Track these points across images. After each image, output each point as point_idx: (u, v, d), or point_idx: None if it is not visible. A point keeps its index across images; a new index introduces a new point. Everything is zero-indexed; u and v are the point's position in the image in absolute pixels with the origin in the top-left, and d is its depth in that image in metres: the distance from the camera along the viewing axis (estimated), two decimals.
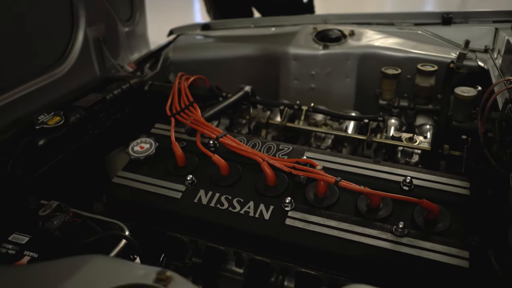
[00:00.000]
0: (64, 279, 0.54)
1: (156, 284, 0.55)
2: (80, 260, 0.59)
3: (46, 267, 0.59)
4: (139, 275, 0.56)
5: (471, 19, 1.42)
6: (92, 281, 0.54)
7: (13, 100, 1.12)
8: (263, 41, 1.48)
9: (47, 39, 1.27)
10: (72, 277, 0.54)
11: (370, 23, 1.51)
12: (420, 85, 1.22)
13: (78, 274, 0.55)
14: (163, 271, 0.56)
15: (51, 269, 0.58)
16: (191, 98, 1.13)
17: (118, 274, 0.56)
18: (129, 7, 1.65)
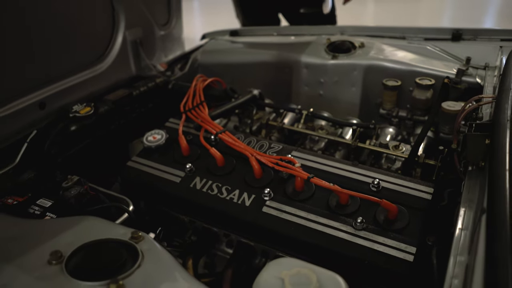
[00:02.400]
0: (60, 230, 0.71)
1: (130, 240, 0.70)
2: (78, 219, 0.76)
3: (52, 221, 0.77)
4: (119, 233, 0.72)
5: (480, 36, 1.48)
6: (81, 234, 0.70)
7: (60, 90, 1.33)
8: (281, 49, 1.61)
9: (91, 39, 1.47)
10: (66, 229, 0.71)
11: (383, 36, 1.60)
12: (416, 98, 1.30)
13: (72, 228, 0.71)
14: (136, 231, 0.71)
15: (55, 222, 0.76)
16: (203, 98, 1.29)
17: (103, 230, 0.72)
18: (166, 13, 1.83)
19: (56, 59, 1.33)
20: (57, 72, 1.33)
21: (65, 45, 1.35)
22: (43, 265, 0.65)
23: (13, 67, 1.20)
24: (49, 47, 1.29)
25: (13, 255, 0.67)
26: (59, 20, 1.30)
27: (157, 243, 0.71)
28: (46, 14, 1.26)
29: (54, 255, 0.66)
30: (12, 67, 1.19)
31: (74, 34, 1.38)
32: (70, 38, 1.36)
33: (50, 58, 1.31)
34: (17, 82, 1.22)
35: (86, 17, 1.42)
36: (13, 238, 0.77)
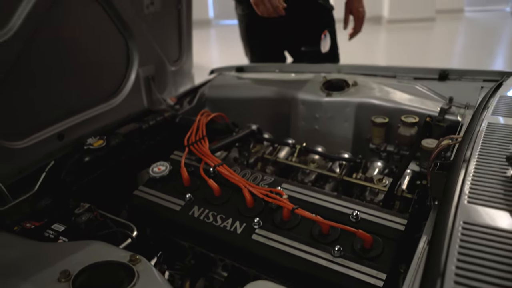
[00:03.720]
0: (70, 252, 0.83)
1: (128, 262, 0.82)
2: (86, 242, 0.88)
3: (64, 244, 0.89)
4: (120, 256, 0.84)
5: (465, 77, 1.58)
6: (87, 256, 0.82)
7: (78, 122, 1.48)
8: (281, 85, 1.74)
9: (107, 75, 1.62)
10: (75, 251, 0.83)
11: (376, 75, 1.71)
12: (401, 134, 1.40)
13: (80, 250, 0.84)
14: (134, 254, 0.83)
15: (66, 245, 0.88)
16: (205, 133, 1.42)
17: (107, 253, 0.84)
18: (177, 50, 1.98)
19: (75, 94, 1.48)
20: (75, 106, 1.48)
21: (83, 81, 1.50)
22: (53, 282, 0.77)
23: (37, 102, 1.34)
24: (69, 83, 1.44)
25: (29, 273, 0.79)
26: (79, 58, 1.45)
27: (152, 265, 0.82)
28: (68, 53, 1.41)
29: (63, 274, 0.78)
30: (36, 102, 1.34)
31: (92, 72, 1.53)
32: (88, 75, 1.51)
33: (70, 93, 1.45)
34: (39, 116, 1.36)
35: (103, 55, 1.58)
36: (29, 257, 0.90)
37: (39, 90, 1.35)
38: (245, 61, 2.35)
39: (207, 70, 2.14)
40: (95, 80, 1.56)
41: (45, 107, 1.38)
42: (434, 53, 6.12)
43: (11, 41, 1.20)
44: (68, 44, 1.41)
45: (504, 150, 0.92)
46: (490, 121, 1.06)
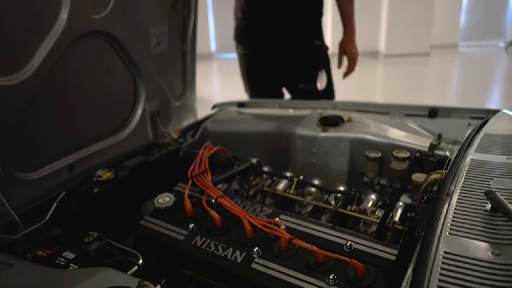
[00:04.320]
0: (80, 279, 0.89)
1: None
2: (96, 269, 0.95)
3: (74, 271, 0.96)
4: (128, 282, 0.90)
5: (453, 114, 1.67)
6: (97, 282, 0.89)
7: (87, 155, 1.56)
8: (280, 121, 1.84)
9: (115, 110, 1.71)
10: (85, 278, 0.89)
11: (369, 111, 1.81)
12: (393, 168, 1.48)
13: (90, 277, 0.90)
14: (142, 280, 0.89)
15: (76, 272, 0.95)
16: (207, 165, 1.50)
17: (115, 280, 0.90)
18: (182, 86, 2.08)
19: (85, 128, 1.56)
20: (84, 140, 1.56)
21: (93, 116, 1.59)
22: None
23: (49, 136, 1.43)
24: (80, 118, 1.52)
25: None
26: (90, 94, 1.54)
27: None
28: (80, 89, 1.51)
29: None
30: (48, 136, 1.42)
31: (101, 107, 1.62)
32: (98, 110, 1.60)
33: (80, 127, 1.54)
34: (51, 149, 1.44)
35: (112, 91, 1.67)
36: (43, 283, 0.96)
37: (51, 124, 1.43)
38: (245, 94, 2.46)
39: (209, 102, 2.24)
40: (104, 114, 1.65)
41: (57, 140, 1.46)
42: (430, 87, 6.28)
43: (29, 80, 1.29)
44: (80, 80, 1.50)
45: (484, 185, 0.99)
46: (473, 158, 1.15)
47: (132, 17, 1.60)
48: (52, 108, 1.42)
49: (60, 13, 1.35)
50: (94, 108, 1.59)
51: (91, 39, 1.49)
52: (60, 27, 1.35)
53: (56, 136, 1.46)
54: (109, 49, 1.58)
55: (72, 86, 1.48)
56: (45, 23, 1.33)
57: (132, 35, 1.62)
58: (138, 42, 1.67)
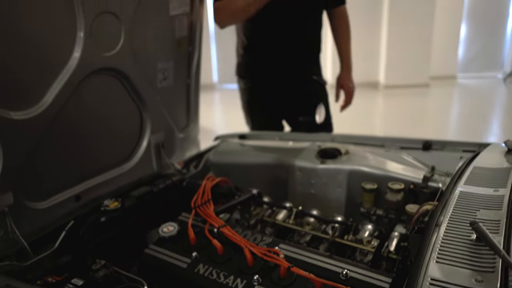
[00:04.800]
0: None
1: None
2: None
3: None
4: None
5: (446, 147, 1.74)
6: None
7: (94, 185, 1.63)
8: (280, 153, 1.91)
9: (122, 142, 1.78)
10: None
11: (366, 144, 1.88)
12: (388, 200, 1.55)
13: None
14: None
15: None
16: (210, 196, 1.56)
17: None
18: (185, 118, 2.16)
19: (92, 159, 1.63)
20: (92, 170, 1.63)
21: (100, 147, 1.66)
22: None
23: (59, 167, 1.50)
24: (88, 149, 1.60)
25: None
26: (98, 127, 1.62)
27: None
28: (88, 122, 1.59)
29: None
30: (57, 167, 1.49)
31: (109, 138, 1.69)
32: (105, 142, 1.68)
33: (87, 158, 1.61)
34: (60, 179, 1.51)
35: (119, 124, 1.75)
36: None
37: (61, 156, 1.50)
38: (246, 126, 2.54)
39: (211, 132, 2.32)
40: (111, 146, 1.72)
41: (65, 171, 1.53)
42: (430, 118, 6.38)
43: (43, 115, 1.38)
44: (89, 114, 1.58)
45: (471, 216, 1.06)
46: (462, 190, 1.21)
47: (140, 54, 1.69)
48: (63, 140, 1.50)
49: (73, 52, 1.45)
50: (102, 140, 1.67)
51: (101, 75, 1.58)
52: (73, 64, 1.44)
53: (65, 167, 1.53)
54: (118, 84, 1.67)
55: (81, 119, 1.56)
56: (60, 61, 1.42)
57: (140, 71, 1.72)
58: (145, 77, 1.76)
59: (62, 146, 1.50)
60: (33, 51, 1.35)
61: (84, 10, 1.42)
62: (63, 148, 1.51)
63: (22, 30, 1.29)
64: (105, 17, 1.51)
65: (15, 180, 1.33)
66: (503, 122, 6.11)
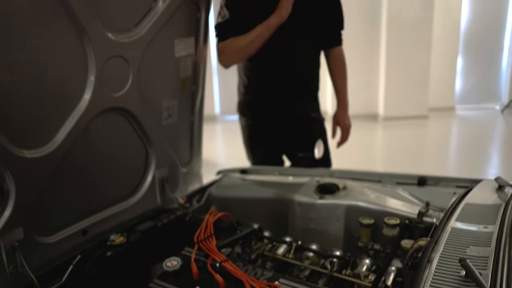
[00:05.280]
0: None
1: None
2: None
3: None
4: None
5: (441, 182, 1.81)
6: None
7: (99, 220, 1.68)
8: (280, 187, 1.97)
9: (127, 177, 1.85)
10: None
11: (363, 179, 1.95)
12: (385, 234, 1.60)
13: None
14: None
15: None
16: (212, 231, 1.62)
17: None
18: (189, 153, 2.23)
19: (99, 194, 1.70)
20: (98, 205, 1.69)
21: (106, 183, 1.73)
22: None
23: (66, 202, 1.56)
24: (94, 185, 1.67)
25: None
26: (104, 163, 1.69)
27: None
28: (95, 159, 1.66)
29: None
30: (65, 202, 1.55)
31: (114, 174, 1.76)
32: (111, 178, 1.75)
33: (94, 194, 1.68)
34: (67, 214, 1.57)
35: (125, 160, 1.82)
36: None
37: (69, 191, 1.57)
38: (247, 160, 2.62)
39: (213, 164, 2.40)
40: (117, 181, 1.79)
41: (73, 206, 1.59)
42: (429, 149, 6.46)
43: (54, 153, 1.45)
44: (97, 150, 1.66)
45: (461, 252, 1.11)
46: (453, 226, 1.27)
47: (147, 94, 1.78)
48: (72, 176, 1.56)
49: (84, 94, 1.53)
50: (108, 175, 1.74)
51: (109, 114, 1.66)
52: (84, 105, 1.53)
53: (73, 202, 1.59)
54: (125, 122, 1.75)
55: (90, 155, 1.63)
56: (71, 102, 1.51)
57: (146, 110, 1.80)
58: (151, 115, 1.84)
59: (71, 182, 1.57)
60: (46, 93, 1.44)
61: (95, 55, 1.52)
62: (72, 184, 1.58)
63: (37, 72, 1.38)
64: (115, 60, 1.61)
65: (25, 215, 1.39)
66: (502, 153, 6.17)
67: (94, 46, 1.50)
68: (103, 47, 1.54)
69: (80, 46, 1.49)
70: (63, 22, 1.42)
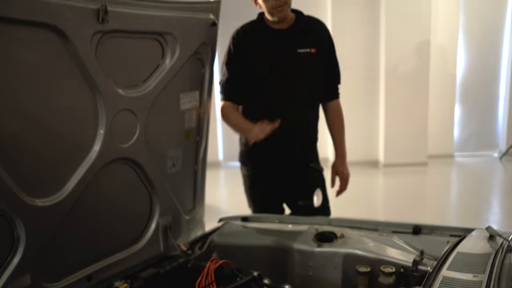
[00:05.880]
0: None
1: None
2: None
3: None
4: None
5: (435, 231, 1.86)
6: None
7: (104, 266, 1.73)
8: (280, 235, 2.03)
9: (131, 224, 1.90)
10: None
11: (360, 228, 2.00)
12: (381, 283, 1.64)
13: None
14: None
15: None
16: (213, 278, 1.67)
17: None
18: (192, 201, 2.29)
19: (104, 241, 1.75)
20: (103, 252, 1.74)
21: (111, 230, 1.78)
22: None
23: (73, 249, 1.62)
24: (100, 232, 1.72)
25: None
26: (110, 210, 1.75)
27: None
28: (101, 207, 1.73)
29: None
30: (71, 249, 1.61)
31: (119, 221, 1.82)
32: (116, 225, 1.80)
33: (99, 240, 1.73)
34: (73, 261, 1.62)
35: (130, 207, 1.88)
36: None
37: (76, 238, 1.63)
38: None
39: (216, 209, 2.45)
40: (122, 228, 1.85)
41: (79, 253, 1.64)
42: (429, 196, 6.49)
43: (63, 202, 1.52)
44: (103, 198, 1.73)
45: None
46: (445, 275, 1.32)
47: (153, 145, 1.87)
48: (79, 224, 1.63)
49: (93, 145, 1.62)
50: (114, 223, 1.80)
51: (116, 164, 1.75)
52: (93, 156, 1.61)
53: (79, 249, 1.65)
54: (131, 171, 1.83)
55: (96, 203, 1.70)
56: (81, 154, 1.59)
57: (152, 160, 1.88)
58: (156, 165, 1.92)
59: (77, 229, 1.63)
60: (58, 143, 1.53)
61: (106, 109, 1.62)
62: (79, 231, 1.64)
63: (50, 123, 1.48)
64: (123, 113, 1.71)
65: (33, 262, 1.44)
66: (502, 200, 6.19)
67: (105, 101, 1.60)
68: (113, 102, 1.65)
69: (92, 101, 1.59)
70: (77, 79, 1.53)
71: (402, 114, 7.55)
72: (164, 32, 1.77)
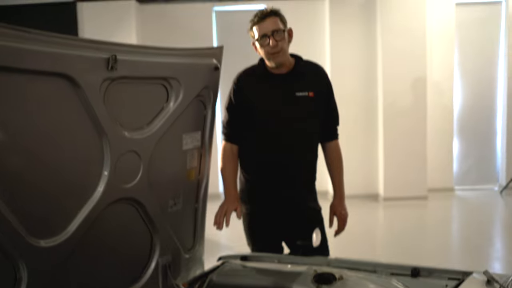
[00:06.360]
0: None
1: None
2: None
3: None
4: None
5: (433, 274, 1.88)
6: None
7: None
8: (279, 276, 2.04)
9: (131, 263, 1.91)
10: None
11: (359, 269, 2.02)
12: None
13: None
14: None
15: None
16: None
17: None
18: (192, 240, 2.30)
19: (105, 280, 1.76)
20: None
21: (112, 269, 1.80)
22: None
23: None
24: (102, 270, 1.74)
25: None
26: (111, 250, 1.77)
27: None
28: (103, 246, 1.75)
29: None
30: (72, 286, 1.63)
31: (119, 260, 1.84)
32: (116, 264, 1.82)
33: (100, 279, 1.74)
34: None
35: (131, 247, 1.90)
36: None
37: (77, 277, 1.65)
38: None
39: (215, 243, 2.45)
40: (122, 267, 1.86)
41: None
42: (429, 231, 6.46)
43: (67, 242, 1.55)
44: (105, 238, 1.76)
45: None
46: None
47: (155, 184, 1.91)
48: (80, 263, 1.65)
49: (98, 186, 1.66)
50: (115, 261, 1.82)
51: (119, 204, 1.78)
52: (97, 197, 1.65)
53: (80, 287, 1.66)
54: (133, 210, 1.86)
55: (98, 243, 1.73)
56: (85, 195, 1.63)
57: (154, 199, 1.92)
58: (158, 204, 1.95)
59: (79, 269, 1.65)
60: (63, 184, 1.58)
61: (111, 151, 1.67)
62: (80, 271, 1.66)
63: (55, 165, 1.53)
64: (128, 154, 1.75)
65: None
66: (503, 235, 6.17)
67: (111, 143, 1.65)
68: (118, 144, 1.70)
69: (98, 143, 1.64)
70: (85, 122, 1.59)
71: (401, 148, 7.62)
72: (169, 77, 1.84)
